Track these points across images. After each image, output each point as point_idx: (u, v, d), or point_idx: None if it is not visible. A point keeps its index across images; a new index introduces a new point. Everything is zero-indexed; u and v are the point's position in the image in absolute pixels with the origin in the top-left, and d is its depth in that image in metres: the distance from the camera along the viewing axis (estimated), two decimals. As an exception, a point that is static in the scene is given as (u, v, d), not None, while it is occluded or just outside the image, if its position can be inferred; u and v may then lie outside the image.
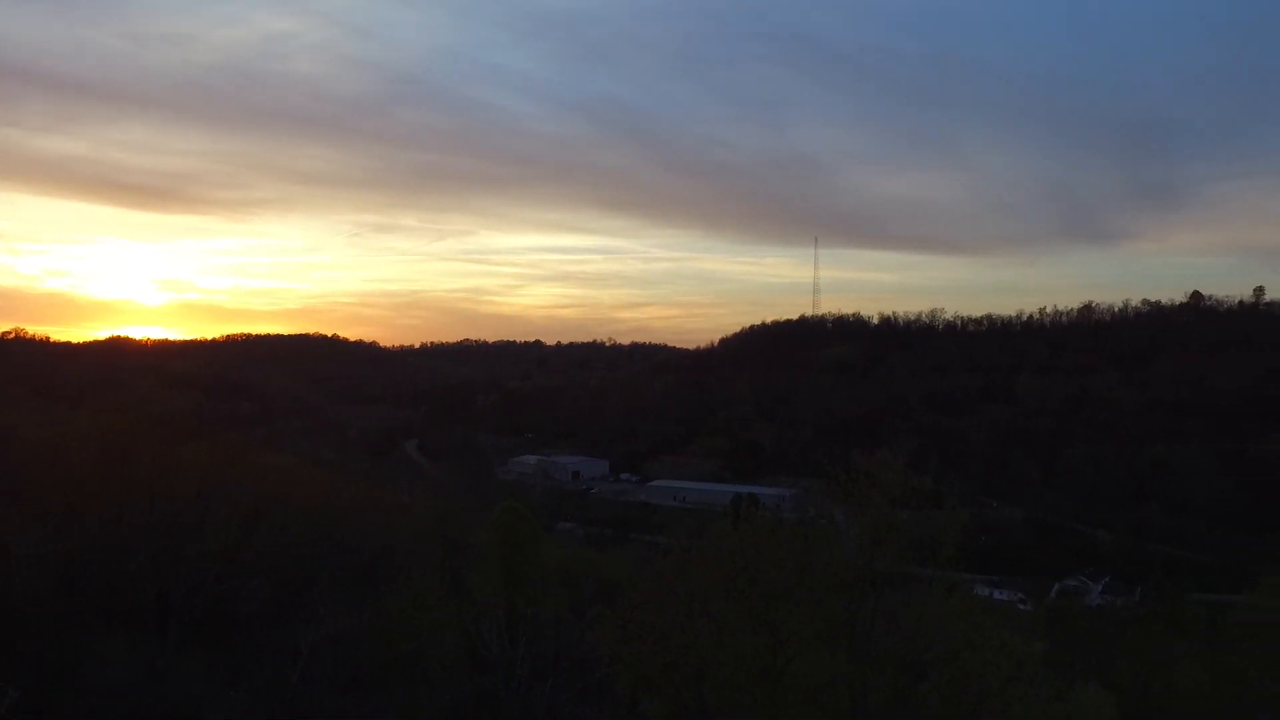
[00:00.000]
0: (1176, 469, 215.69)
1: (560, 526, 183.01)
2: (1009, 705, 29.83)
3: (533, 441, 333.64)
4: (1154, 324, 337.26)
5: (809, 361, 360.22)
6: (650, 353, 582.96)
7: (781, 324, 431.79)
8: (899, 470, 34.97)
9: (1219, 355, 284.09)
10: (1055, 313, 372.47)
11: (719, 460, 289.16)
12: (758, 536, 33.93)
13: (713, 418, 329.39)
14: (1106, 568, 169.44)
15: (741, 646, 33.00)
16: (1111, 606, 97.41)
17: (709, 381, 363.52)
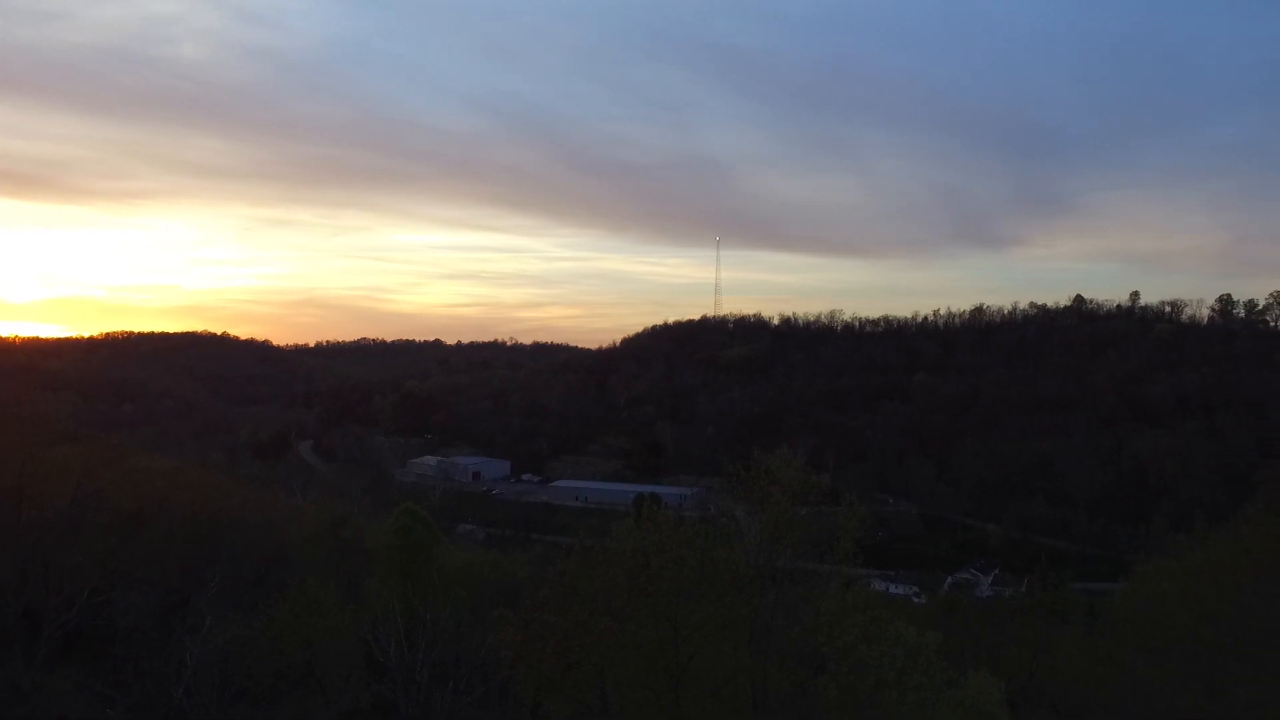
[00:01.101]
0: (1060, 464, 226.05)
1: (461, 528, 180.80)
2: (904, 694, 30.60)
3: (433, 442, 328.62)
4: (1040, 326, 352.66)
5: (711, 361, 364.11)
6: (552, 352, 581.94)
7: (683, 324, 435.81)
8: (798, 468, 35.60)
9: (1099, 356, 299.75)
10: (948, 314, 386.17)
11: (621, 460, 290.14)
12: (660, 535, 34.03)
13: (615, 417, 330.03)
14: (996, 560, 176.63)
15: (644, 644, 33.07)
16: (1000, 597, 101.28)
17: (611, 381, 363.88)
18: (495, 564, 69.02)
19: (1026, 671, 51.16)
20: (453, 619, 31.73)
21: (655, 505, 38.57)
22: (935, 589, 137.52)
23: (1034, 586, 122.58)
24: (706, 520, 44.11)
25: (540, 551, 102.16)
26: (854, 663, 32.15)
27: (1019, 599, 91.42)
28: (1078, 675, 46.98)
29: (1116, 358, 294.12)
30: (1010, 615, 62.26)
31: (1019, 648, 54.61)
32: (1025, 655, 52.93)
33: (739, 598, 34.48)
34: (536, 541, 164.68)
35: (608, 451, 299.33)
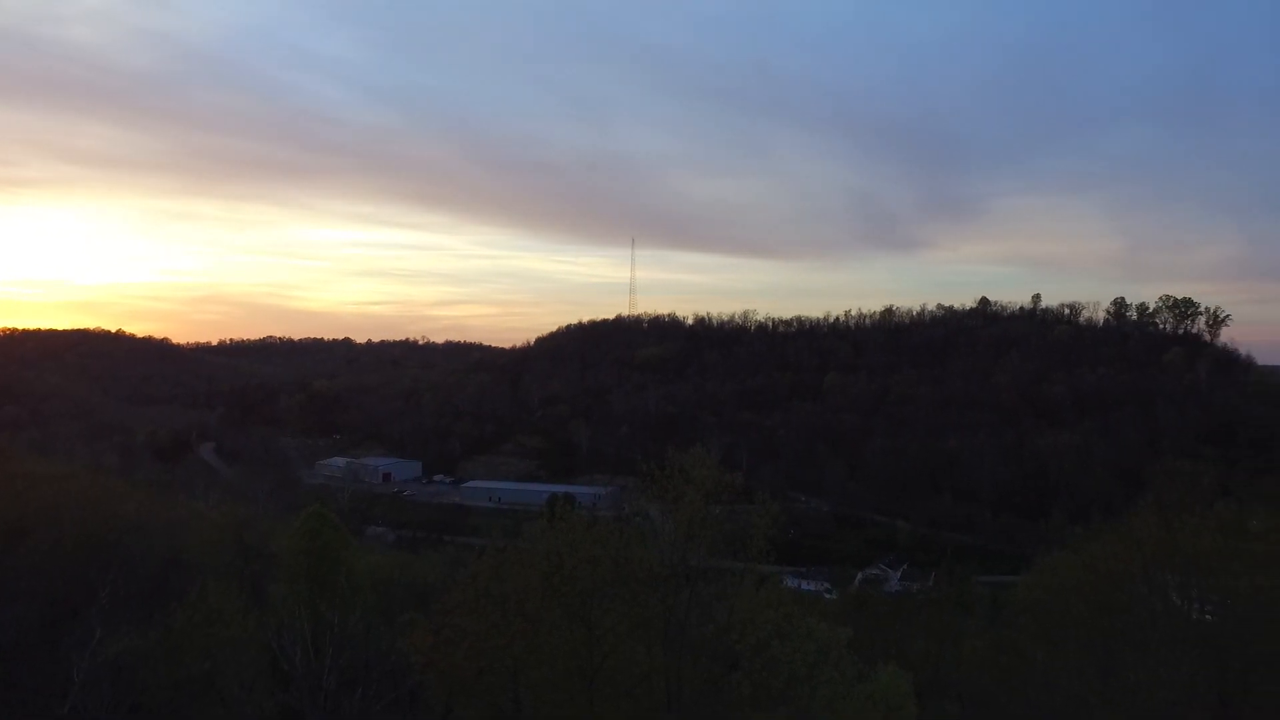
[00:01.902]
0: (966, 461, 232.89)
1: (371, 530, 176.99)
2: (816, 689, 31.09)
3: (341, 443, 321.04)
4: (947, 327, 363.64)
5: (625, 360, 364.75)
6: (465, 351, 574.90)
7: (598, 323, 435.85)
8: (712, 467, 35.82)
9: (1003, 356, 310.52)
10: (859, 315, 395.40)
11: (535, 459, 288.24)
12: (574, 535, 33.88)
13: (529, 417, 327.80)
14: (904, 555, 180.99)
15: (558, 645, 32.84)
16: (908, 592, 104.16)
17: (525, 381, 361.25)
18: (406, 567, 67.83)
19: (934, 663, 52.59)
20: (362, 624, 30.91)
21: (569, 505, 38.32)
22: (846, 585, 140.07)
23: (941, 581, 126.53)
24: (621, 520, 44.05)
25: (452, 553, 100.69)
26: (767, 659, 32.49)
27: (927, 593, 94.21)
28: (982, 666, 48.45)
29: (1019, 358, 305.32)
30: (918, 609, 64.01)
31: (927, 640, 56.13)
32: (933, 648, 54.43)
33: (653, 597, 34.51)
34: (449, 543, 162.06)
35: (521, 451, 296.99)
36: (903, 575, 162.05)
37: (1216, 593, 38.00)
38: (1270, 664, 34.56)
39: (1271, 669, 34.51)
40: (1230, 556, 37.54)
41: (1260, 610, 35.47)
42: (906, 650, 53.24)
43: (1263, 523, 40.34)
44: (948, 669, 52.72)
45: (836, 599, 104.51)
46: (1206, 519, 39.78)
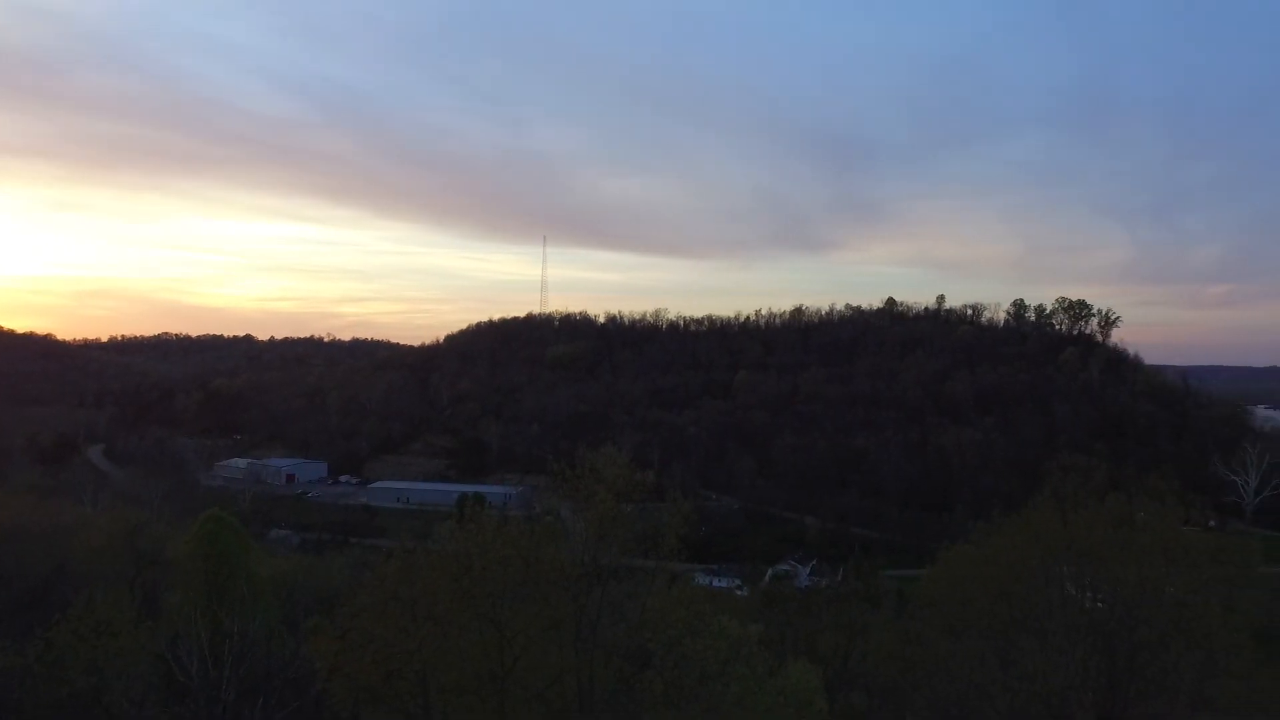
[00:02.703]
0: (872, 457, 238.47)
1: (274, 534, 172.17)
2: (728, 686, 31.28)
3: (242, 444, 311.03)
4: (855, 326, 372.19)
5: (536, 359, 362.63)
6: (372, 349, 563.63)
7: (509, 321, 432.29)
8: (623, 465, 35.73)
9: (908, 355, 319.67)
10: (769, 314, 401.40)
11: (445, 459, 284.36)
12: (484, 536, 33.33)
13: (438, 416, 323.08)
14: (813, 551, 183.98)
15: (468, 648, 32.28)
16: (817, 587, 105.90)
17: (434, 379, 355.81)
18: (310, 570, 66.01)
19: (842, 657, 53.63)
20: (263, 631, 29.84)
21: (479, 505, 37.79)
22: (757, 581, 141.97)
23: (849, 576, 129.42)
24: (532, 519, 43.61)
25: (359, 556, 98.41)
26: (679, 657, 32.58)
27: (835, 588, 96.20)
28: (888, 657, 49.47)
29: (924, 357, 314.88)
30: (827, 604, 65.24)
31: (835, 634, 57.18)
32: (841, 641, 55.48)
33: (565, 597, 34.23)
34: (355, 545, 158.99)
35: (430, 451, 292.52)
36: (812, 571, 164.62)
37: (1107, 582, 39.65)
38: (1153, 647, 36.25)
39: (1154, 652, 36.20)
40: (1120, 548, 39.27)
41: (1145, 597, 37.19)
42: (816, 644, 54.19)
43: (1148, 515, 42.18)
44: (856, 662, 53.81)
45: (747, 596, 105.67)
46: (1099, 512, 41.51)
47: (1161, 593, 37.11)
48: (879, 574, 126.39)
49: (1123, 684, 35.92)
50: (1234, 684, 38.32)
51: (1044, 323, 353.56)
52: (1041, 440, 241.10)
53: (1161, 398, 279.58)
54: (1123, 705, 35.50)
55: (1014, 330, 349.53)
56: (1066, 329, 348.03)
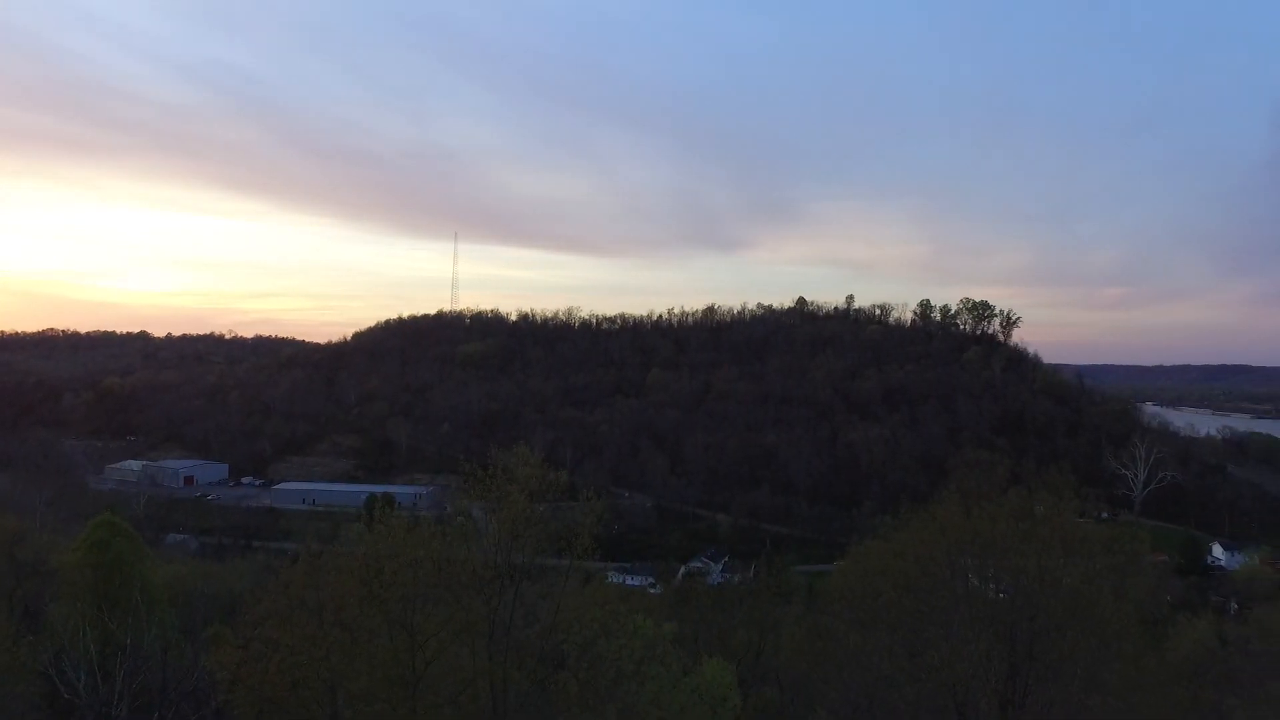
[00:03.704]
0: (783, 454, 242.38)
1: (171, 539, 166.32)
2: (643, 685, 31.18)
3: (137, 445, 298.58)
4: (766, 325, 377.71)
5: (447, 357, 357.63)
6: (277, 346, 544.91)
7: (419, 319, 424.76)
8: (536, 464, 35.35)
9: (818, 354, 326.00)
10: (682, 313, 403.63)
11: (352, 459, 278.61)
12: (394, 537, 32.57)
13: (345, 415, 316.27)
14: (725, 548, 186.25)
15: (378, 653, 31.47)
16: (730, 583, 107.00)
17: (342, 378, 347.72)
18: (210, 577, 63.77)
19: (755, 652, 54.18)
20: (159, 642, 28.48)
21: (389, 506, 36.88)
22: (670, 579, 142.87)
23: (761, 572, 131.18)
24: (443, 520, 42.81)
25: (262, 560, 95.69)
26: (594, 657, 32.37)
27: (747, 584, 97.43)
28: (800, 652, 50.11)
29: (833, 356, 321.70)
30: (739, 600, 65.80)
31: (748, 630, 57.71)
32: (754, 637, 56.04)
33: (478, 599, 33.68)
34: (258, 549, 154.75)
35: (337, 451, 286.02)
36: (724, 568, 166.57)
37: (1008, 573, 40.88)
38: (1051, 634, 37.57)
39: (1052, 639, 37.52)
40: (1021, 540, 40.55)
41: (1044, 587, 38.51)
42: (729, 641, 54.64)
43: (1047, 509, 43.63)
44: (768, 657, 54.43)
45: (661, 594, 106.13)
46: (1001, 506, 42.74)
47: (1059, 582, 38.43)
48: (790, 569, 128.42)
49: (1022, 670, 37.02)
50: (1123, 666, 39.98)
51: (949, 323, 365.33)
52: (946, 436, 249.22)
53: (1058, 395, 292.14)
54: (1022, 691, 36.59)
55: (920, 330, 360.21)
56: (970, 329, 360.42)
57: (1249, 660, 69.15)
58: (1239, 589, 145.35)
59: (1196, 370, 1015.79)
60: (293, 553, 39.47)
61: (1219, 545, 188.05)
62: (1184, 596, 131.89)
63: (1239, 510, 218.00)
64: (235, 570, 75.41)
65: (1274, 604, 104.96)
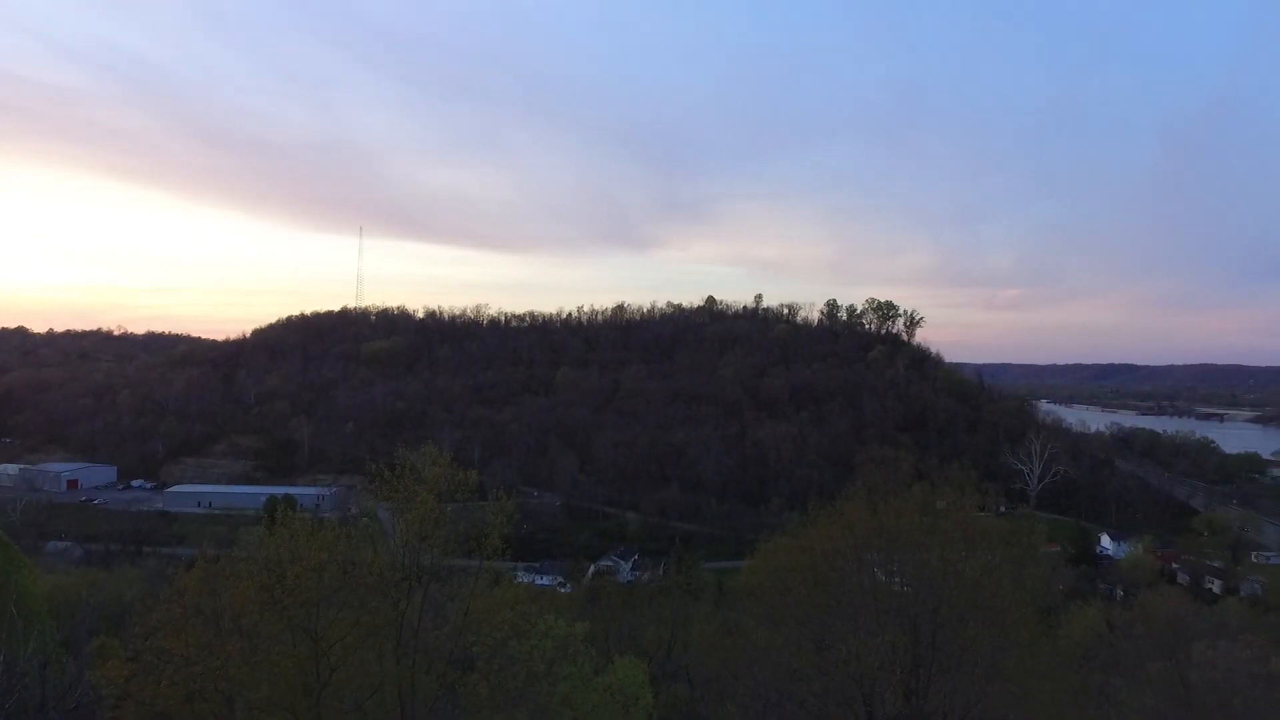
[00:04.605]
0: (692, 452, 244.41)
1: (52, 546, 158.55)
2: (554, 686, 30.83)
3: (14, 448, 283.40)
4: (676, 324, 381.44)
5: (351, 355, 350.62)
6: (170, 343, 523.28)
7: (322, 315, 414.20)
8: (444, 464, 34.76)
9: (727, 352, 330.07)
10: (592, 311, 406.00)
11: (252, 460, 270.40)
12: (296, 540, 31.48)
13: (245, 415, 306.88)
14: (635, 546, 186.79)
15: (281, 662, 30.36)
16: (640, 582, 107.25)
17: (241, 376, 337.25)
18: (96, 586, 60.74)
19: (666, 650, 54.31)
20: (37, 658, 26.74)
21: (290, 508, 35.61)
22: (580, 578, 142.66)
23: (670, 569, 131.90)
24: (347, 521, 41.72)
25: (154, 567, 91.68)
26: (504, 659, 31.92)
27: (657, 582, 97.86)
28: (710, 648, 50.51)
29: (742, 354, 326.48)
30: (650, 598, 65.96)
31: (659, 628, 57.88)
32: (664, 634, 56.23)
33: (384, 602, 32.87)
34: (149, 556, 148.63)
35: (236, 452, 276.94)
36: (634, 565, 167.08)
37: (913, 567, 41.91)
38: (953, 625, 38.64)
39: (954, 629, 38.60)
40: (924, 534, 41.66)
41: (947, 579, 39.58)
42: (640, 639, 54.67)
43: (949, 503, 44.94)
44: (679, 654, 54.65)
45: (571, 593, 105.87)
46: (906, 501, 43.83)
47: (961, 574, 39.53)
48: (699, 567, 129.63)
49: (926, 661, 37.95)
50: (1021, 654, 41.43)
51: (855, 322, 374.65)
52: (852, 434, 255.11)
53: (959, 394, 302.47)
54: (926, 681, 37.52)
55: (827, 329, 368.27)
56: (875, 328, 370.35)
57: (1133, 644, 72.81)
58: (1124, 577, 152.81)
59: (1088, 369, 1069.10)
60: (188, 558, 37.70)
61: (1107, 536, 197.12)
62: (1075, 585, 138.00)
63: (1125, 502, 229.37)
64: (124, 578, 71.99)
65: (1156, 590, 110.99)
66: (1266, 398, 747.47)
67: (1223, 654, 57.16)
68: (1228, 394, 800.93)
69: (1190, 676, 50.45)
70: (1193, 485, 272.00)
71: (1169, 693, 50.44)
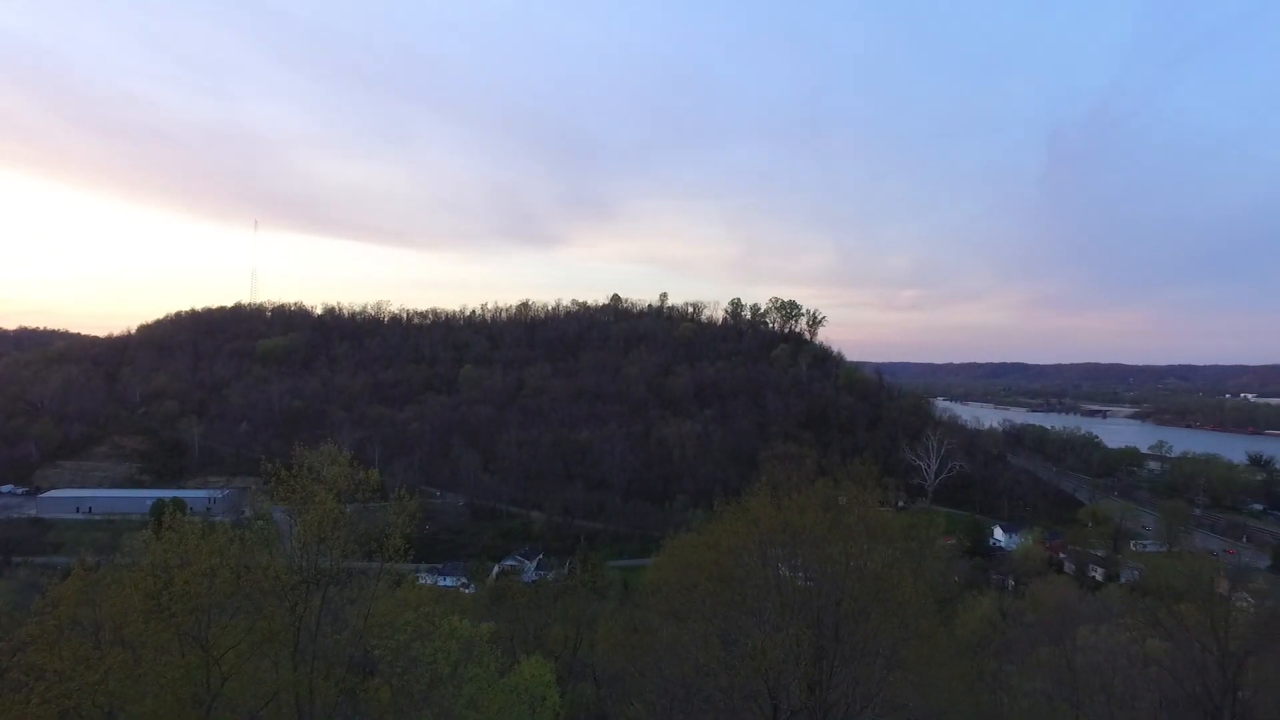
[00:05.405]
0: (597, 450, 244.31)
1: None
2: (460, 688, 30.22)
3: None
4: (581, 322, 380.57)
5: (246, 352, 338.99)
6: (45, 339, 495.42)
7: (214, 311, 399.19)
8: (344, 463, 33.96)
9: (632, 350, 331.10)
10: (496, 309, 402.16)
11: (137, 462, 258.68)
12: (185, 545, 30.08)
13: (130, 415, 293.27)
14: (540, 545, 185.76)
15: (167, 672, 28.93)
16: (545, 581, 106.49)
17: (125, 374, 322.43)
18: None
19: (572, 649, 53.91)
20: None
21: (180, 512, 33.97)
22: (484, 578, 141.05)
23: (575, 568, 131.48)
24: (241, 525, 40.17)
25: (25, 577, 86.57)
26: (408, 662, 31.25)
27: (562, 581, 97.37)
28: (616, 646, 50.35)
29: (647, 352, 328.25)
30: (555, 597, 65.46)
31: (564, 627, 57.46)
32: (570, 633, 55.84)
33: (281, 607, 31.72)
34: (20, 566, 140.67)
35: (120, 454, 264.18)
36: (539, 565, 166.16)
37: (816, 561, 42.56)
38: (856, 617, 39.42)
39: (857, 621, 39.38)
40: (828, 529, 42.36)
41: (850, 573, 40.34)
42: (546, 638, 54.17)
43: (851, 498, 45.83)
44: (585, 653, 54.33)
45: (476, 593, 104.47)
46: (809, 497, 44.48)
47: (863, 568, 40.38)
48: (605, 565, 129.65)
49: (829, 653, 38.60)
50: (920, 643, 42.57)
51: (759, 321, 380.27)
52: (756, 431, 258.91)
53: (860, 391, 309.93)
54: (829, 672, 38.13)
55: (731, 328, 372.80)
56: (779, 327, 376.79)
57: (1023, 630, 75.90)
58: (1016, 567, 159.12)
59: (981, 368, 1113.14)
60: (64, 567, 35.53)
61: (999, 528, 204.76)
62: (970, 576, 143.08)
63: (1016, 495, 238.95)
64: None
65: (1044, 579, 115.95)
66: (1144, 395, 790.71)
67: (1104, 638, 60.02)
68: (1110, 392, 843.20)
69: (1076, 660, 52.70)
70: (1078, 479, 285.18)
71: (1056, 676, 52.63)
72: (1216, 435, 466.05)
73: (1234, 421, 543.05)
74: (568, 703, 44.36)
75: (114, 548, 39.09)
